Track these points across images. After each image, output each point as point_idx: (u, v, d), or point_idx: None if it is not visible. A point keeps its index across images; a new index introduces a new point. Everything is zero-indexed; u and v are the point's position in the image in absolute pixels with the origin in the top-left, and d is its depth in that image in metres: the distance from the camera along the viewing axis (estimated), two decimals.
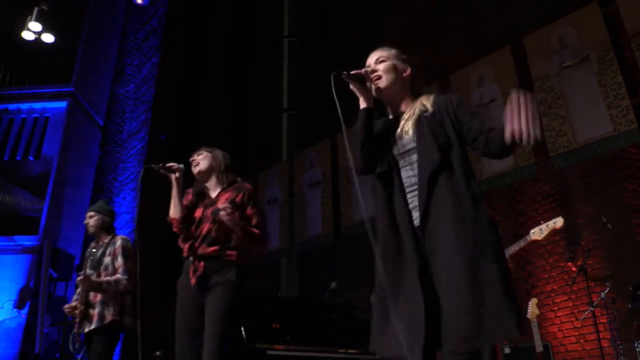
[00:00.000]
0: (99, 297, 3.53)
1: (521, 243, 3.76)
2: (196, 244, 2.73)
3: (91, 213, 3.85)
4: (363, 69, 2.04)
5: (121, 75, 10.98)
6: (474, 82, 6.26)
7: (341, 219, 7.39)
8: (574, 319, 5.10)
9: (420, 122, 1.92)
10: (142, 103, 10.23)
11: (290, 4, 10.58)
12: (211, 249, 2.67)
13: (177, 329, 2.67)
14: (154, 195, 9.33)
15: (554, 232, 3.67)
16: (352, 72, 2.00)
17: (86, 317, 3.50)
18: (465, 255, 1.69)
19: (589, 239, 4.97)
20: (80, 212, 9.36)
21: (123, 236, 3.81)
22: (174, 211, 2.85)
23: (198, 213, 2.82)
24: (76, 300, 3.67)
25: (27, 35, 6.64)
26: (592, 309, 4.17)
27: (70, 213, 8.94)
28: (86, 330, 3.49)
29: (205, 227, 2.73)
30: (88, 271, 3.66)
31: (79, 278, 3.44)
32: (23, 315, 7.87)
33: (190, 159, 2.96)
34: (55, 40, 8.35)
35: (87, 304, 3.52)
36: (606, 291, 4.22)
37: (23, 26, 7.47)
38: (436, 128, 1.88)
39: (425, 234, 1.83)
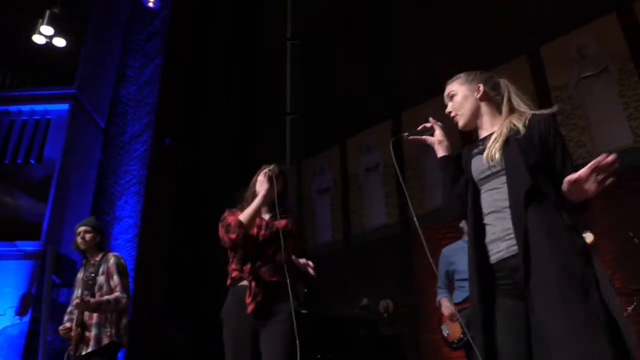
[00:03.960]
0: (94, 318, 3.42)
1: None
2: (258, 264, 2.53)
3: (87, 228, 3.69)
4: (430, 120, 2.04)
5: (123, 77, 10.82)
6: None
7: (351, 225, 7.33)
8: None
9: (509, 144, 1.81)
10: (144, 105, 10.09)
11: (293, 7, 10.50)
12: (273, 277, 2.50)
13: None
14: (159, 201, 9.23)
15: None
16: (418, 129, 2.03)
17: (82, 340, 3.38)
18: (569, 303, 1.59)
19: (609, 250, 4.93)
20: (82, 216, 9.23)
21: (115, 253, 3.70)
22: (249, 219, 2.53)
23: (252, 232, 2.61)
24: (69, 321, 3.53)
25: (39, 39, 6.48)
26: None
27: (73, 218, 8.78)
28: (83, 353, 3.35)
29: (270, 251, 2.55)
30: (80, 292, 3.52)
31: (75, 302, 3.29)
32: (25, 323, 7.71)
33: (270, 172, 2.66)
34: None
35: (83, 326, 3.39)
36: (632, 307, 4.18)
37: (26, 28, 7.32)
38: (526, 150, 1.77)
39: (522, 267, 1.70)
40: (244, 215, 2.53)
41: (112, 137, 10.38)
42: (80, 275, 3.67)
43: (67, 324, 3.47)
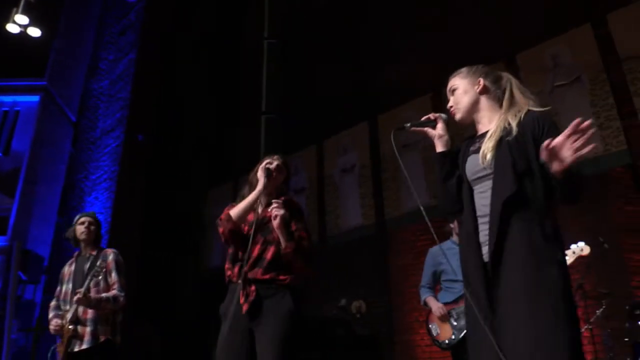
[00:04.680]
0: (89, 314, 3.33)
1: None
2: (245, 268, 2.44)
3: (91, 220, 3.61)
4: (431, 114, 2.04)
5: (95, 70, 10.59)
6: None
7: (327, 226, 7.35)
8: None
9: (501, 146, 1.79)
10: (117, 100, 9.90)
11: (272, 6, 10.43)
12: (265, 275, 2.41)
13: None
14: (130, 198, 9.08)
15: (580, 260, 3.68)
16: (422, 119, 2.03)
17: (76, 336, 3.29)
18: (534, 321, 1.59)
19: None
20: (51, 212, 9.00)
21: (113, 249, 3.60)
22: (240, 214, 2.47)
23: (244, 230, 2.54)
24: (56, 317, 3.45)
25: (13, 29, 6.29)
26: (589, 327, 4.26)
27: (41, 213, 8.58)
28: (76, 349, 3.27)
29: (256, 249, 2.46)
30: (70, 286, 3.47)
31: (77, 296, 3.20)
32: None
33: (268, 165, 2.57)
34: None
35: (76, 322, 3.31)
36: (601, 309, 4.32)
37: None
38: (517, 154, 1.75)
39: (494, 274, 1.72)
40: (234, 210, 2.47)
41: (83, 131, 10.16)
42: (70, 268, 3.57)
43: (58, 321, 3.38)
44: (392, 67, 7.35)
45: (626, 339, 4.26)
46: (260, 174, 2.52)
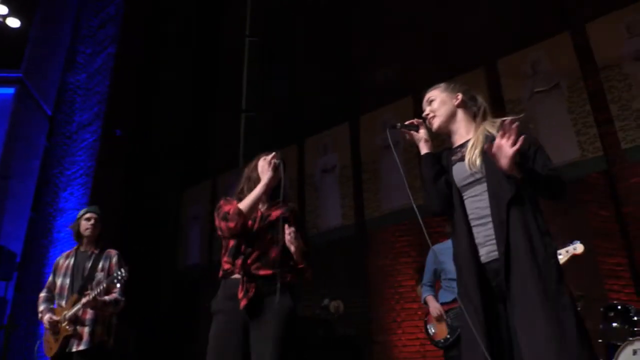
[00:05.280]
0: (88, 314, 3.31)
1: None
2: (249, 261, 2.42)
3: (97, 216, 3.56)
4: (415, 119, 2.13)
5: (72, 63, 10.39)
6: None
7: (306, 226, 7.34)
8: None
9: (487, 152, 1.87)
10: (94, 94, 9.73)
11: (254, 4, 10.39)
12: (268, 271, 2.39)
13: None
14: (107, 194, 8.94)
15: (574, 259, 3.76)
16: (406, 123, 2.12)
17: (74, 335, 3.27)
18: (546, 310, 1.68)
19: None
20: (24, 207, 8.81)
21: (117, 251, 3.56)
22: (249, 209, 2.42)
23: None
24: (48, 310, 3.41)
25: None
26: None
27: (13, 208, 8.38)
28: (74, 349, 3.26)
29: (262, 246, 2.45)
30: (67, 281, 3.44)
31: (86, 299, 3.20)
32: None
33: (274, 159, 2.56)
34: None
35: (75, 321, 3.30)
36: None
37: None
38: None
39: (503, 271, 1.80)
40: (243, 204, 2.42)
41: (59, 125, 9.96)
42: (67, 261, 3.51)
43: (52, 317, 3.34)
44: (374, 68, 7.40)
45: (600, 340, 4.37)
46: (267, 168, 2.51)
